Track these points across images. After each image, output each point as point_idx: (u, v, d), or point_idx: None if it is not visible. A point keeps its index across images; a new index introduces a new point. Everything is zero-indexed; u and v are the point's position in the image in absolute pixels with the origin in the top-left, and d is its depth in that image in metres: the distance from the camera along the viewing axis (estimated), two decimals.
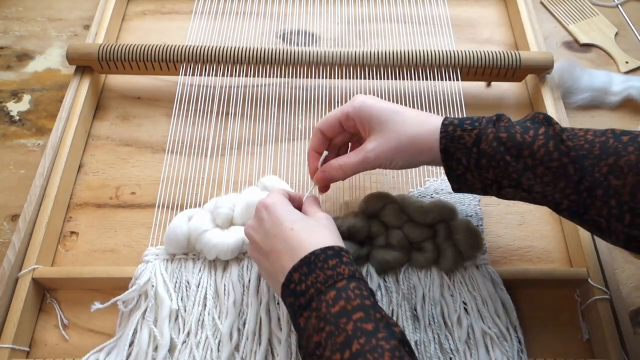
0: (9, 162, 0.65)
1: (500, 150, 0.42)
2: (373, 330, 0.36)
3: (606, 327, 0.50)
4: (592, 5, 0.81)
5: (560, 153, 0.41)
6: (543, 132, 0.42)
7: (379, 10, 0.78)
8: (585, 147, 0.40)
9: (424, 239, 0.52)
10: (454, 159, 0.45)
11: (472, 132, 0.44)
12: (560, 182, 0.41)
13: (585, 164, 0.40)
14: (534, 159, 0.41)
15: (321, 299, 0.38)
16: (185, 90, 0.65)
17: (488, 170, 0.43)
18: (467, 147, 0.44)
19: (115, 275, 0.53)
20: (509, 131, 0.43)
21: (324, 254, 0.41)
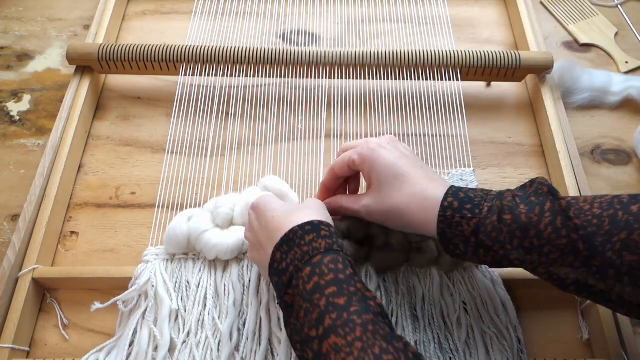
0: (9, 162, 0.65)
1: (500, 240, 0.41)
2: (345, 304, 0.36)
3: (606, 327, 0.50)
4: (592, 5, 0.81)
5: (568, 230, 0.39)
6: (549, 209, 0.40)
7: (379, 10, 0.78)
8: (594, 222, 0.38)
9: (423, 239, 0.52)
10: (451, 244, 0.43)
11: (471, 222, 0.42)
12: (569, 257, 0.39)
13: (595, 244, 0.37)
14: (540, 239, 0.39)
15: (299, 276, 0.38)
16: (185, 90, 0.65)
17: (487, 256, 0.42)
18: (465, 235, 0.42)
19: (115, 275, 0.53)
20: (513, 212, 0.41)
21: (302, 230, 0.40)
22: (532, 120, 0.68)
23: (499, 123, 0.68)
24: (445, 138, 0.63)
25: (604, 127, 0.68)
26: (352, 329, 0.34)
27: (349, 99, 0.67)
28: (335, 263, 0.38)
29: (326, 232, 0.41)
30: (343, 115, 0.66)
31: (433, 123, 0.64)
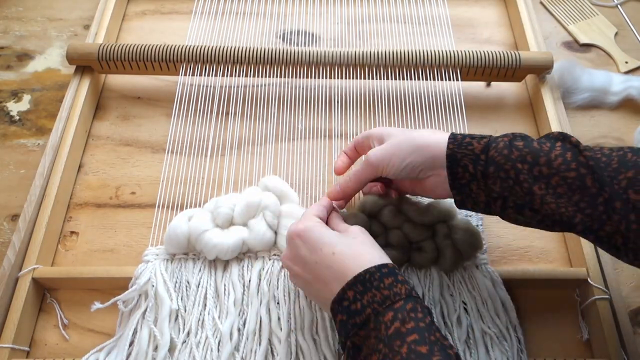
0: (9, 162, 0.65)
1: (511, 159, 0.41)
2: (427, 353, 0.35)
3: (606, 327, 0.50)
4: (592, 5, 0.81)
5: (578, 163, 0.39)
6: (560, 145, 0.41)
7: (379, 10, 0.78)
8: (603, 160, 0.39)
9: (423, 238, 0.52)
10: (460, 165, 0.43)
11: (482, 140, 0.43)
12: (575, 195, 0.39)
13: (604, 175, 0.38)
14: (550, 167, 0.40)
15: (379, 320, 0.37)
16: (185, 90, 0.65)
17: (495, 180, 0.42)
18: (475, 153, 0.43)
19: (115, 275, 0.53)
20: (525, 139, 0.42)
21: (379, 272, 0.40)
22: (532, 120, 0.68)
23: (499, 123, 0.68)
24: None
25: (604, 127, 0.68)
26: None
27: (349, 99, 0.67)
28: (415, 311, 0.38)
29: (402, 277, 0.40)
30: (343, 115, 0.66)
31: (433, 123, 0.64)
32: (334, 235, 0.43)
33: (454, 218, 0.52)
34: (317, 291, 0.42)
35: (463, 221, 0.52)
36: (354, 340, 0.38)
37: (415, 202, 0.53)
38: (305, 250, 0.43)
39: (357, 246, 0.42)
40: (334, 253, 0.41)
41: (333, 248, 0.42)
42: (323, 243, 0.42)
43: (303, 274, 0.43)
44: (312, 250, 0.42)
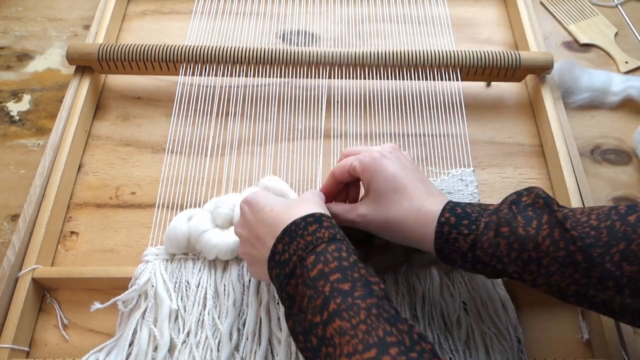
0: (9, 162, 0.65)
1: (497, 255, 0.41)
2: (349, 289, 0.36)
3: (606, 327, 0.50)
4: (592, 5, 0.81)
5: (566, 242, 0.39)
6: (546, 221, 0.40)
7: (379, 10, 0.78)
8: (592, 234, 0.38)
9: None
10: (449, 259, 0.44)
11: (468, 238, 0.42)
12: (568, 269, 0.39)
13: (594, 255, 0.37)
14: (538, 251, 0.40)
15: (303, 265, 0.38)
16: (185, 90, 0.65)
17: (485, 270, 0.43)
18: (463, 251, 0.43)
19: (115, 275, 0.53)
20: (510, 225, 0.41)
21: (304, 222, 0.41)
22: (532, 120, 0.68)
23: (499, 123, 0.68)
24: (445, 138, 0.63)
25: (603, 127, 0.68)
26: (357, 313, 0.34)
27: (349, 99, 0.67)
28: (339, 251, 0.39)
29: (328, 223, 0.41)
30: (343, 115, 0.66)
31: (433, 123, 0.64)
32: (277, 198, 0.46)
33: None
34: (256, 252, 0.44)
35: None
36: (287, 291, 0.39)
37: None
38: (250, 214, 0.45)
39: (295, 203, 0.44)
40: (272, 210, 0.43)
41: (272, 207, 0.44)
42: (265, 204, 0.44)
43: (248, 237, 0.44)
44: (255, 212, 0.44)
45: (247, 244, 0.45)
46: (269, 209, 0.43)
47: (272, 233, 0.42)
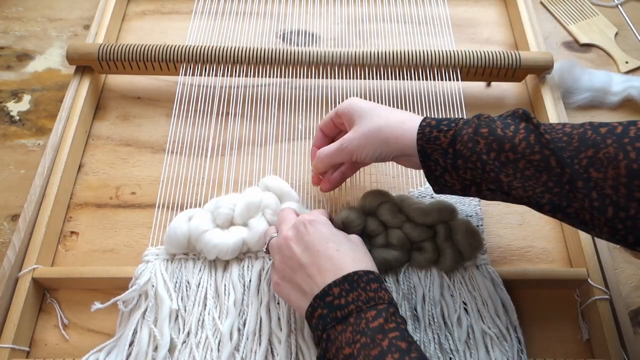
0: (9, 162, 0.65)
1: (477, 150, 0.43)
2: (406, 349, 0.37)
3: (606, 327, 0.50)
4: (592, 5, 0.81)
5: (541, 146, 0.41)
6: (524, 127, 0.43)
7: (379, 10, 0.78)
8: (564, 139, 0.40)
9: (423, 238, 0.52)
10: (431, 159, 0.45)
11: (448, 133, 0.45)
12: (543, 176, 0.41)
13: (564, 156, 0.40)
14: (515, 152, 0.42)
15: (361, 316, 0.39)
16: (185, 90, 0.65)
17: (465, 171, 0.44)
18: (443, 147, 0.45)
19: (115, 275, 0.53)
20: (489, 126, 0.43)
21: (367, 277, 0.42)
22: None
23: None
24: None
25: None
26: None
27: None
28: (396, 316, 0.40)
29: (385, 287, 0.43)
30: None
31: None
32: (342, 236, 0.46)
33: (454, 218, 0.52)
34: (304, 278, 0.43)
35: (463, 221, 0.52)
36: (329, 334, 0.40)
37: (416, 201, 0.53)
38: (311, 237, 0.45)
39: (357, 252, 0.45)
40: (338, 250, 0.44)
41: (339, 246, 0.44)
42: (330, 239, 0.45)
43: (300, 256, 0.44)
44: (318, 240, 0.44)
45: (294, 261, 0.44)
46: (334, 246, 0.44)
47: (333, 273, 0.42)
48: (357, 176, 0.61)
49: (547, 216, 0.59)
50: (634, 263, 0.58)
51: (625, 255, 0.58)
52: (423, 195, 0.58)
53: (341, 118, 0.52)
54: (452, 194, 0.48)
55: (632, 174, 0.37)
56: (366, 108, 0.50)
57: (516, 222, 0.59)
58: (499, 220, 0.60)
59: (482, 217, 0.57)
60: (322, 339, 0.41)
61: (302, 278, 0.43)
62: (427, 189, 0.59)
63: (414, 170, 0.61)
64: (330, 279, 0.42)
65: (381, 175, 0.61)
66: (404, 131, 0.47)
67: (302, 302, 0.43)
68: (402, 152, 0.47)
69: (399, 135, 0.47)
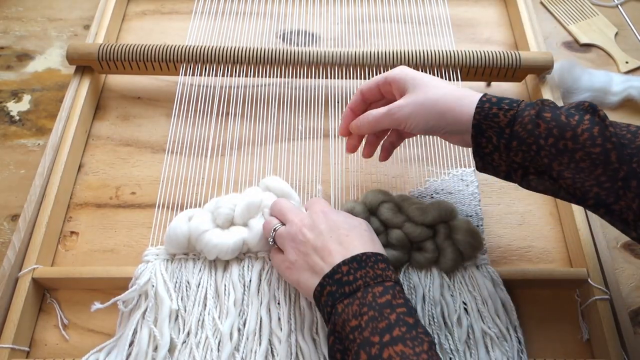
0: (9, 162, 0.65)
1: (535, 134, 0.42)
2: (414, 324, 0.39)
3: (606, 327, 0.50)
4: (592, 5, 0.81)
5: (604, 138, 0.40)
6: (588, 119, 0.41)
7: (379, 10, 0.78)
8: (628, 137, 0.40)
9: (424, 238, 0.52)
10: (484, 136, 0.44)
11: (509, 113, 0.43)
12: (597, 169, 0.40)
13: (624, 153, 0.39)
14: (575, 142, 0.41)
15: (368, 290, 0.41)
16: (185, 90, 0.65)
17: (517, 153, 0.43)
18: (501, 126, 0.43)
19: (115, 275, 0.53)
20: (553, 111, 0.42)
21: (375, 257, 0.44)
22: None
23: None
24: None
25: None
26: (421, 343, 0.37)
27: (349, 99, 0.67)
28: (402, 293, 0.42)
29: (392, 269, 0.44)
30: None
31: None
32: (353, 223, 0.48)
33: (454, 218, 0.52)
34: (318, 262, 0.44)
35: (464, 221, 0.52)
36: (337, 307, 0.41)
37: (417, 201, 0.53)
38: (325, 225, 0.46)
39: (366, 236, 0.47)
40: (348, 235, 0.46)
41: (349, 232, 0.46)
42: (342, 226, 0.46)
43: (313, 241, 0.46)
44: (331, 227, 0.46)
45: (308, 248, 0.46)
46: (344, 232, 0.46)
47: (342, 254, 0.44)
48: (358, 176, 0.61)
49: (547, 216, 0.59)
50: (634, 263, 0.58)
51: (625, 255, 0.58)
52: (423, 195, 0.58)
53: (390, 85, 0.50)
54: (493, 175, 0.47)
55: None
56: (422, 77, 0.48)
57: (516, 222, 0.59)
58: (499, 220, 0.60)
59: (482, 217, 0.57)
60: (330, 314, 0.41)
61: (313, 260, 0.45)
62: (426, 189, 0.59)
63: (414, 170, 0.61)
64: (340, 259, 0.43)
65: (381, 175, 0.61)
66: (462, 107, 0.45)
67: (311, 282, 0.44)
68: (456, 128, 0.46)
69: (456, 109, 0.45)
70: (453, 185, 0.59)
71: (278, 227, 0.49)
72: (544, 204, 0.61)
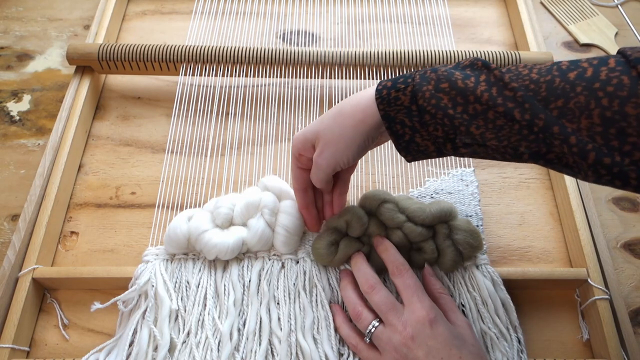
0: (9, 162, 0.65)
1: (441, 106, 0.40)
2: None
3: (606, 327, 0.50)
4: (592, 5, 0.81)
5: (505, 99, 0.38)
6: (484, 80, 0.40)
7: (379, 10, 0.78)
8: (531, 87, 0.38)
9: (423, 239, 0.52)
10: (396, 122, 0.43)
11: (407, 90, 0.42)
12: (515, 124, 0.38)
13: (534, 105, 0.37)
14: (481, 104, 0.39)
15: None
16: (185, 90, 0.65)
17: (436, 127, 0.41)
18: (405, 105, 0.42)
19: (115, 275, 0.53)
20: (449, 79, 0.41)
21: None
22: None
23: None
24: None
25: None
26: None
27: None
28: None
29: None
30: None
31: None
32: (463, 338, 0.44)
33: (454, 218, 0.52)
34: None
35: (463, 221, 0.52)
36: None
37: (416, 201, 0.53)
38: (436, 342, 0.43)
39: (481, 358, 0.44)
40: (460, 357, 0.42)
41: (461, 352, 0.43)
42: (453, 343, 0.43)
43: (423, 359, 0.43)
44: (443, 345, 0.43)
45: None
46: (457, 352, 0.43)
47: None
48: (358, 176, 0.61)
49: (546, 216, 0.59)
50: (634, 263, 0.58)
51: (625, 255, 0.58)
52: (423, 195, 0.58)
53: (302, 155, 0.48)
54: (427, 158, 0.45)
55: (606, 123, 0.34)
56: (315, 123, 0.47)
57: (516, 222, 0.59)
58: (499, 220, 0.60)
59: (482, 217, 0.57)
60: None
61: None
62: (426, 188, 0.59)
63: (414, 171, 0.61)
64: None
65: (381, 175, 0.61)
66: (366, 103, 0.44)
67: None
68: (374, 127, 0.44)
69: (360, 112, 0.44)
70: (453, 185, 0.59)
71: (376, 325, 0.46)
72: (544, 204, 0.61)
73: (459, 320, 0.46)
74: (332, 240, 0.51)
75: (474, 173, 0.60)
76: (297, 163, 0.50)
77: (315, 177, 0.48)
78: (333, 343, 0.48)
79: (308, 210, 0.52)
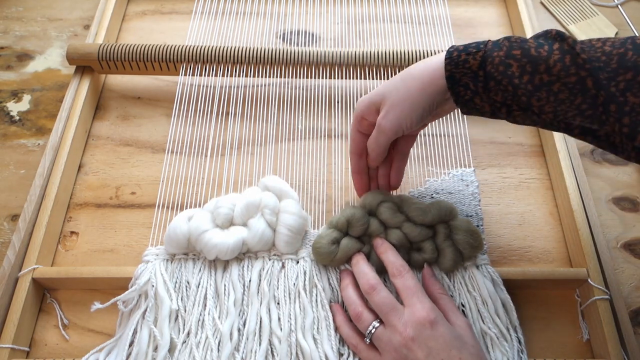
0: (9, 162, 0.65)
1: (508, 74, 0.42)
2: None
3: (606, 327, 0.50)
4: (592, 5, 0.81)
5: (577, 67, 0.39)
6: (558, 48, 0.41)
7: (379, 10, 0.78)
8: (602, 59, 0.39)
9: (423, 239, 0.52)
10: (460, 84, 0.44)
11: (477, 55, 0.43)
12: (577, 98, 0.40)
13: (600, 78, 0.38)
14: (550, 74, 0.40)
15: None
16: (185, 90, 0.65)
17: (497, 93, 0.43)
18: (473, 70, 0.43)
19: (115, 275, 0.53)
20: (522, 47, 0.42)
21: None
22: None
23: (499, 123, 0.67)
24: (445, 138, 0.63)
25: None
26: None
27: (349, 99, 0.67)
28: None
29: None
30: (343, 115, 0.66)
31: (433, 123, 0.64)
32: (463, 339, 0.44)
33: (454, 218, 0.52)
34: None
35: (463, 221, 0.52)
36: None
37: (416, 201, 0.53)
38: (436, 343, 0.43)
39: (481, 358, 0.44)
40: (460, 358, 0.43)
41: (461, 353, 0.43)
42: (453, 345, 0.43)
43: None
44: (443, 347, 0.43)
45: None
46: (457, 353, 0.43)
47: None
48: None
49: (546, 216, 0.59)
50: (634, 263, 0.58)
51: (625, 255, 0.58)
52: (423, 195, 0.58)
53: (366, 119, 0.50)
54: (480, 116, 0.46)
55: None
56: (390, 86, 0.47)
57: (516, 222, 0.59)
58: (499, 220, 0.60)
59: (482, 217, 0.57)
60: None
61: None
62: (426, 189, 0.59)
63: (414, 170, 0.61)
64: None
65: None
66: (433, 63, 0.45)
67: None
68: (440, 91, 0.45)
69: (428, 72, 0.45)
70: (453, 185, 0.59)
71: (376, 326, 0.46)
72: (544, 204, 0.61)
73: (459, 321, 0.46)
74: (332, 239, 0.51)
75: (474, 173, 0.60)
76: (358, 126, 0.51)
77: (374, 142, 0.49)
78: (333, 343, 0.48)
79: (360, 175, 0.53)
